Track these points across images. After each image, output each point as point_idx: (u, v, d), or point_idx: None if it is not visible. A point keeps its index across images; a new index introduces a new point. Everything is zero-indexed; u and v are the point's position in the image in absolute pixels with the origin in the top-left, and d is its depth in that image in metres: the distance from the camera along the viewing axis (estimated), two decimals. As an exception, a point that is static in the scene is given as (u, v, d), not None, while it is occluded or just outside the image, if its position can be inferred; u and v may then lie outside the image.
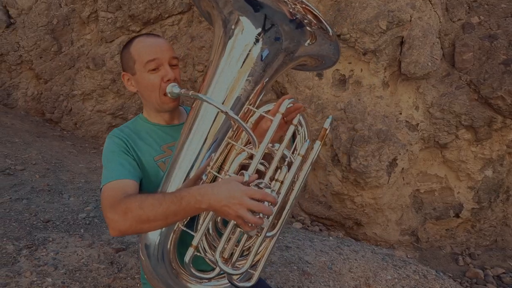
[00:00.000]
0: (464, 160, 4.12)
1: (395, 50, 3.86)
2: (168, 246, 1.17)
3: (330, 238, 3.22)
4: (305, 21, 1.16)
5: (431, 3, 3.91)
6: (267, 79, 1.26)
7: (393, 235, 4.20)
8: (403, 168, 4.05)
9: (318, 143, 1.20)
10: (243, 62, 1.22)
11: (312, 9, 1.13)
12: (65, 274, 1.84)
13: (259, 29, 1.18)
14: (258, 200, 1.02)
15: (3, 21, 5.58)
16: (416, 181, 4.25)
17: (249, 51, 1.20)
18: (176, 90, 1.26)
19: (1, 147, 3.68)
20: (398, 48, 3.87)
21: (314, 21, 1.16)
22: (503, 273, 3.97)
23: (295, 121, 1.19)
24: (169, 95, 1.29)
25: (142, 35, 1.40)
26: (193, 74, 5.70)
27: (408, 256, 3.47)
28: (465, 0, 4.29)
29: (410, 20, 3.78)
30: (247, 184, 1.06)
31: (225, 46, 1.24)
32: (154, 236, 1.16)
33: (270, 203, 1.03)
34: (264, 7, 1.15)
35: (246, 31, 1.20)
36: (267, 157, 1.20)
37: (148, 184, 1.28)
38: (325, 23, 1.16)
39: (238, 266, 1.16)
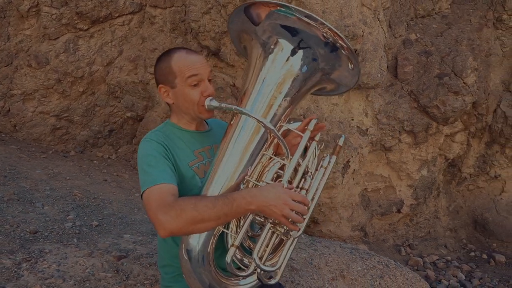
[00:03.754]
0: (404, 162, 4.64)
1: (349, 62, 4.22)
2: (208, 249, 1.26)
3: (303, 236, 3.44)
4: (336, 46, 1.32)
5: (379, 20, 4.34)
6: (299, 98, 1.40)
7: (345, 231, 4.57)
8: (354, 170, 4.42)
9: (334, 158, 1.38)
10: (282, 79, 1.35)
11: (342, 37, 1.29)
12: (75, 285, 1.79)
13: (297, 48, 1.33)
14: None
15: None
16: (364, 181, 4.68)
17: (289, 66, 1.34)
18: (214, 103, 1.35)
19: None
20: (352, 60, 4.23)
21: (344, 48, 1.32)
22: (437, 259, 4.55)
23: (316, 138, 1.38)
24: (206, 107, 1.37)
25: (180, 50, 1.44)
26: (144, 76, 5.57)
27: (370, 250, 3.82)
28: (405, 18, 4.82)
29: (362, 35, 4.16)
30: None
31: (264, 64, 1.36)
32: (195, 241, 1.24)
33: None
34: (300, 32, 1.30)
35: (286, 49, 1.34)
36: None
37: (183, 188, 1.32)
38: (351, 49, 1.32)
39: (266, 264, 1.28)
